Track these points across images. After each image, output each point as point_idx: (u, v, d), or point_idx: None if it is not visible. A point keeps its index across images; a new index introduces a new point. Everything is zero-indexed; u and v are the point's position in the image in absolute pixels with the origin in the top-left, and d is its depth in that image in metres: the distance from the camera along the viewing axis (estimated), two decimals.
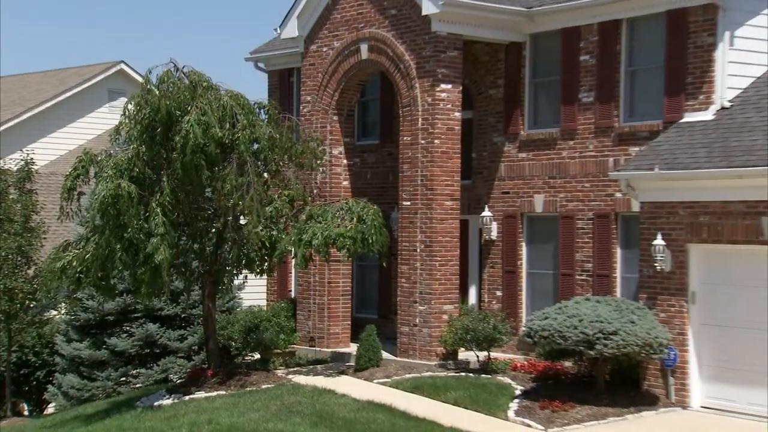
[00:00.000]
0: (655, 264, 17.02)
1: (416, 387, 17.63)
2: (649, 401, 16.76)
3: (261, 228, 18.38)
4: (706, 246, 16.81)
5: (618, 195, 18.58)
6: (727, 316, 16.70)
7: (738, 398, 16.40)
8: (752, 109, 17.50)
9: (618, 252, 19.00)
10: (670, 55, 18.44)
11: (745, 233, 16.18)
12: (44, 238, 26.37)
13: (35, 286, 25.22)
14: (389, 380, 18.21)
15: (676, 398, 16.80)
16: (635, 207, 17.89)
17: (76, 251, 18.14)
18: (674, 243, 16.98)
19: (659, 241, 16.95)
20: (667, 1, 18.36)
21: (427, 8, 19.23)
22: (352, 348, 20.46)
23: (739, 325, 16.49)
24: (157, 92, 18.00)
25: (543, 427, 15.47)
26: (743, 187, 16.16)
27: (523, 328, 17.84)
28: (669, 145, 17.63)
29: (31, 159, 27.79)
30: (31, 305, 25.81)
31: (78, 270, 17.91)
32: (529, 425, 15.63)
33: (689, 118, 18.01)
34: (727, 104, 17.82)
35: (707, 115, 17.83)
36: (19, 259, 25.47)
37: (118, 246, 17.35)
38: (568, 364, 17.65)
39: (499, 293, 20.67)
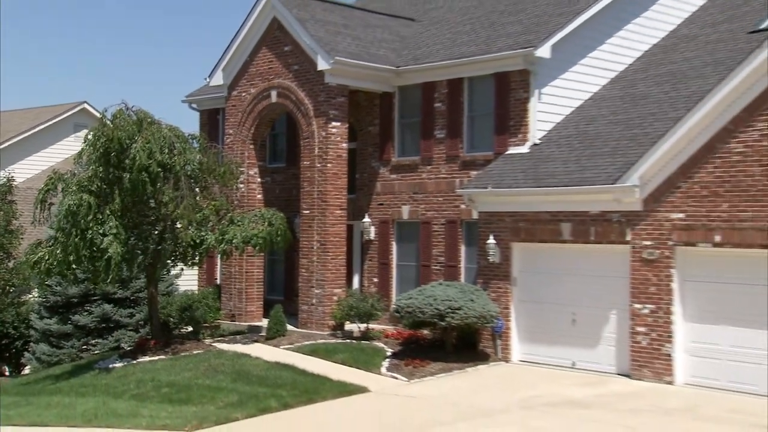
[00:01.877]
0: (489, 257, 17.44)
1: (313, 351, 17.63)
2: (483, 358, 17.16)
3: (192, 230, 18.24)
4: (524, 244, 17.23)
5: (463, 206, 18.66)
6: (537, 295, 17.11)
7: (544, 354, 16.95)
8: (554, 145, 17.91)
9: (462, 249, 19.12)
10: (497, 105, 18.64)
11: (550, 235, 16.71)
12: (21, 238, 26.19)
13: (14, 275, 25.07)
14: (292, 346, 18.15)
15: (502, 355, 17.25)
16: (475, 215, 18.09)
17: (47, 248, 17.86)
18: (502, 242, 17.35)
19: (491, 240, 17.36)
20: (495, 67, 18.55)
21: (321, 65, 19.35)
22: (264, 322, 20.30)
23: (546, 301, 16.97)
24: (112, 125, 17.74)
25: (406, 379, 15.78)
26: (548, 201, 16.64)
27: (393, 306, 17.95)
28: (498, 171, 17.88)
29: (12, 177, 27.94)
30: (11, 290, 25.52)
31: (48, 263, 17.60)
32: (396, 378, 15.93)
33: (512, 151, 18.26)
34: (538, 141, 18.21)
35: (524, 149, 18.13)
36: (1, 254, 25.27)
37: (81, 244, 17.09)
38: (425, 332, 17.68)
39: (375, 280, 20.77)
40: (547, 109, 18.57)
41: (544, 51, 17.93)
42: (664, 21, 20.94)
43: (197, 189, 18.96)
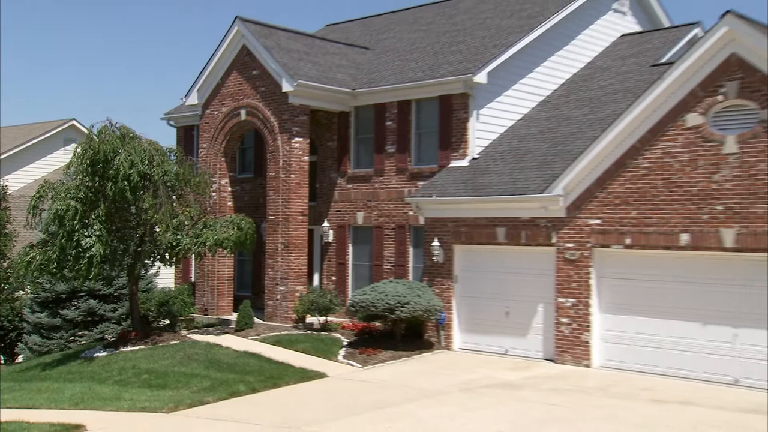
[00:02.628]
0: (433, 258, 17.48)
1: (277, 341, 17.53)
2: (428, 346, 17.22)
3: (169, 234, 18.12)
4: (464, 246, 17.29)
5: (410, 213, 18.75)
6: (476, 290, 17.16)
7: (481, 342, 17.07)
8: (490, 159, 18.01)
9: (410, 250, 19.13)
10: (441, 123, 18.72)
11: (487, 238, 16.79)
12: (15, 240, 25.92)
13: (9, 274, 24.82)
14: (259, 337, 18.05)
15: (444, 344, 17.30)
16: (421, 221, 18.13)
17: (38, 250, 17.82)
18: (445, 244, 17.40)
19: (436, 243, 17.41)
20: (439, 90, 18.64)
21: (286, 87, 19.30)
22: (234, 316, 20.17)
23: (483, 296, 17.04)
24: (97, 140, 17.68)
25: (360, 366, 15.74)
26: (485, 208, 16.74)
27: (349, 301, 17.89)
28: (442, 181, 17.92)
29: (6, 186, 27.73)
30: (6, 287, 25.29)
31: (39, 263, 17.56)
32: (351, 364, 15.87)
33: (454, 164, 18.37)
34: (476, 156, 18.30)
35: (464, 163, 18.23)
36: None
37: (67, 244, 16.99)
38: (378, 324, 17.67)
39: (333, 278, 20.69)
40: (484, 128, 18.72)
41: (481, 77, 18.05)
42: (583, 54, 21.36)
43: (174, 197, 18.79)
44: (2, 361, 25.04)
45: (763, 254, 13.38)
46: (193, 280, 23.07)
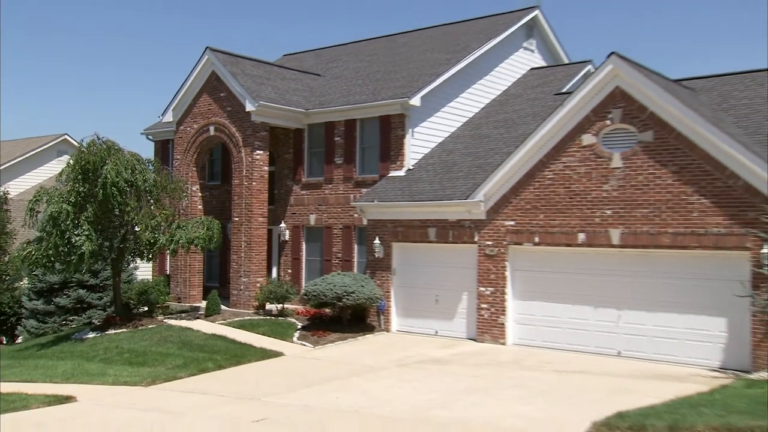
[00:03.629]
0: (375, 254, 17.54)
1: (241, 325, 17.41)
2: (370, 329, 17.21)
3: (148, 233, 18.11)
4: (401, 243, 17.35)
5: (355, 215, 18.75)
6: (411, 281, 17.25)
7: (415, 325, 17.15)
8: (423, 170, 18.14)
9: (355, 247, 19.12)
10: (382, 139, 18.85)
11: (420, 236, 16.88)
12: (14, 238, 25.77)
13: (9, 267, 24.69)
14: (225, 321, 17.89)
15: (384, 326, 17.34)
16: (365, 222, 18.11)
17: (34, 246, 17.64)
18: (385, 242, 17.47)
19: (377, 241, 17.51)
20: (380, 111, 18.75)
21: (249, 107, 19.28)
22: (203, 303, 20.09)
23: (417, 286, 17.14)
24: (87, 152, 17.65)
25: (312, 346, 15.67)
26: (418, 212, 16.85)
27: (303, 291, 17.66)
28: (382, 188, 18.01)
29: (7, 191, 27.97)
30: (6, 278, 25.12)
31: (35, 257, 17.45)
32: (304, 345, 15.81)
33: (392, 174, 18.49)
34: (411, 167, 18.46)
35: (401, 173, 18.38)
36: None
37: (60, 242, 16.89)
38: (327, 310, 17.59)
39: (289, 271, 20.60)
40: (418, 143, 18.86)
41: (416, 101, 18.24)
42: (500, 83, 21.72)
43: (152, 201, 18.68)
44: (4, 342, 24.94)
45: (641, 250, 13.85)
46: (168, 272, 22.96)
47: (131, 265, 21.95)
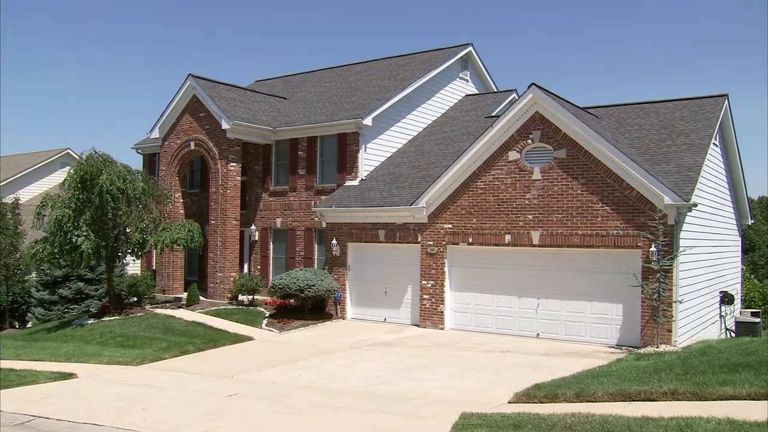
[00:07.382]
0: (333, 252, 17.37)
1: (217, 314, 17.27)
2: (328, 317, 17.14)
3: (137, 234, 18.00)
4: (355, 243, 17.25)
5: (316, 219, 18.61)
6: (363, 276, 17.17)
7: (367, 313, 17.11)
8: (374, 181, 18.07)
9: (316, 246, 18.98)
10: (339, 153, 18.74)
11: (371, 237, 16.79)
12: (24, 238, 25.54)
13: (20, 262, 24.50)
14: (203, 310, 17.77)
15: (340, 315, 17.24)
16: (324, 225, 17.87)
17: (41, 245, 17.50)
18: (341, 242, 17.33)
19: (334, 241, 17.35)
20: (337, 129, 18.64)
21: (224, 125, 19.14)
22: (184, 295, 20.03)
23: (369, 280, 17.08)
24: (85, 164, 17.59)
25: (278, 331, 15.56)
26: (370, 216, 16.76)
27: (271, 284, 17.62)
28: (339, 196, 17.86)
29: (18, 198, 28.27)
30: (18, 272, 24.98)
31: (43, 255, 17.31)
32: (272, 330, 15.69)
33: (348, 183, 18.40)
34: (364, 178, 18.38)
35: (355, 183, 18.28)
36: (11, 248, 24.71)
37: (63, 242, 16.86)
38: (291, 301, 17.53)
39: (259, 267, 20.31)
40: (370, 157, 18.85)
41: (368, 121, 18.24)
42: (439, 107, 21.74)
43: (141, 206, 18.56)
44: (17, 326, 24.99)
45: (556, 248, 14.16)
46: (154, 268, 22.59)
47: (123, 262, 21.75)
